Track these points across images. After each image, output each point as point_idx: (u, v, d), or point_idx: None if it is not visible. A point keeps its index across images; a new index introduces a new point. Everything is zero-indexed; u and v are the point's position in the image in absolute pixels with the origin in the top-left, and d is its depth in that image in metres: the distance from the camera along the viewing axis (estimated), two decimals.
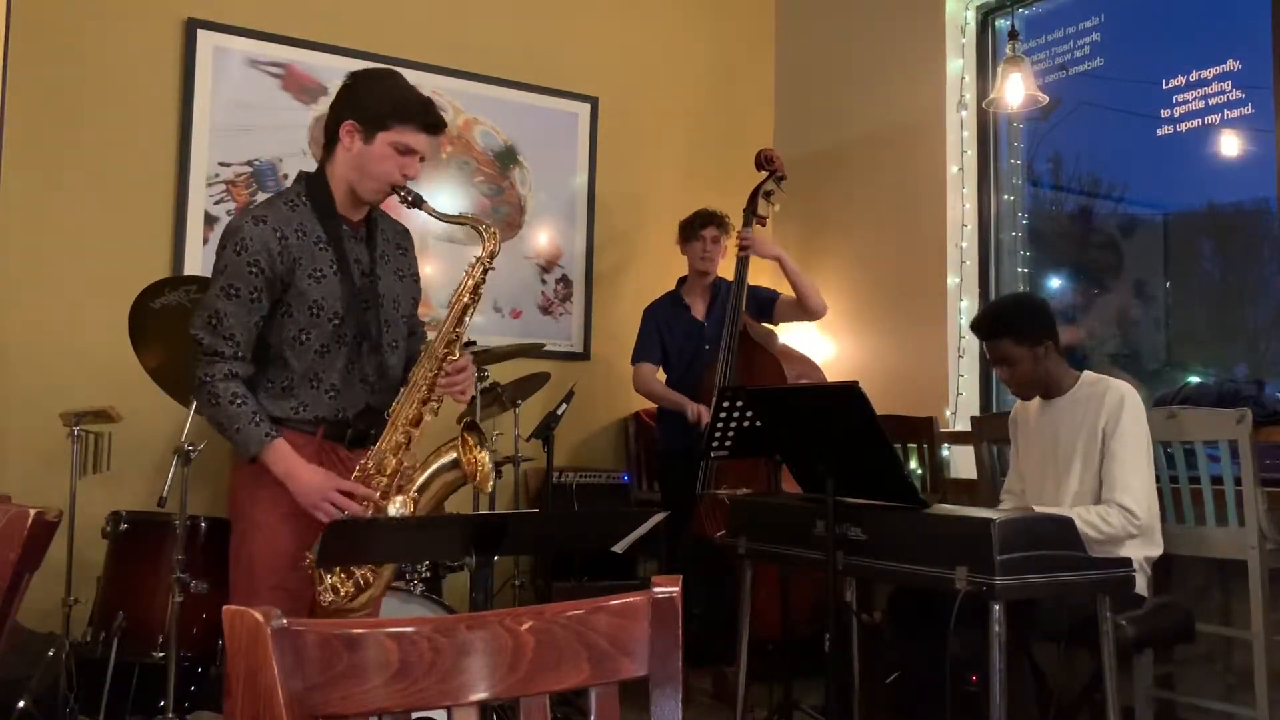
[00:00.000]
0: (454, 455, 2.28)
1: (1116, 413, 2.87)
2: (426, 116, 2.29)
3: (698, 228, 4.22)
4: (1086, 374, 3.03)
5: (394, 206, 2.41)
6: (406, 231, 2.53)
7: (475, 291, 2.33)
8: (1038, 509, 2.82)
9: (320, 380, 2.29)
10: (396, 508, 2.25)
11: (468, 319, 2.32)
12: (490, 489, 2.44)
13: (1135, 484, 2.82)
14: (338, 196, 2.32)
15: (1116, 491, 2.81)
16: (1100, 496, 2.87)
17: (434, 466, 2.29)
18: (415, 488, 2.28)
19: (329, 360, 2.29)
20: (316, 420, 2.30)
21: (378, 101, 2.27)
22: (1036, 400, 3.11)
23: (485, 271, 2.34)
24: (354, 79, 2.33)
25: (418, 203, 2.31)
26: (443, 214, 2.39)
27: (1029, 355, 2.96)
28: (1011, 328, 2.98)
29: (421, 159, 2.32)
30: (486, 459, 2.29)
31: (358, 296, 2.30)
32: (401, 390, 2.31)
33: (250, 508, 2.27)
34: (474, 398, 3.59)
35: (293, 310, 2.24)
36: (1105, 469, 2.86)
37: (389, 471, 2.27)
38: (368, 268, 2.35)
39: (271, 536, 2.24)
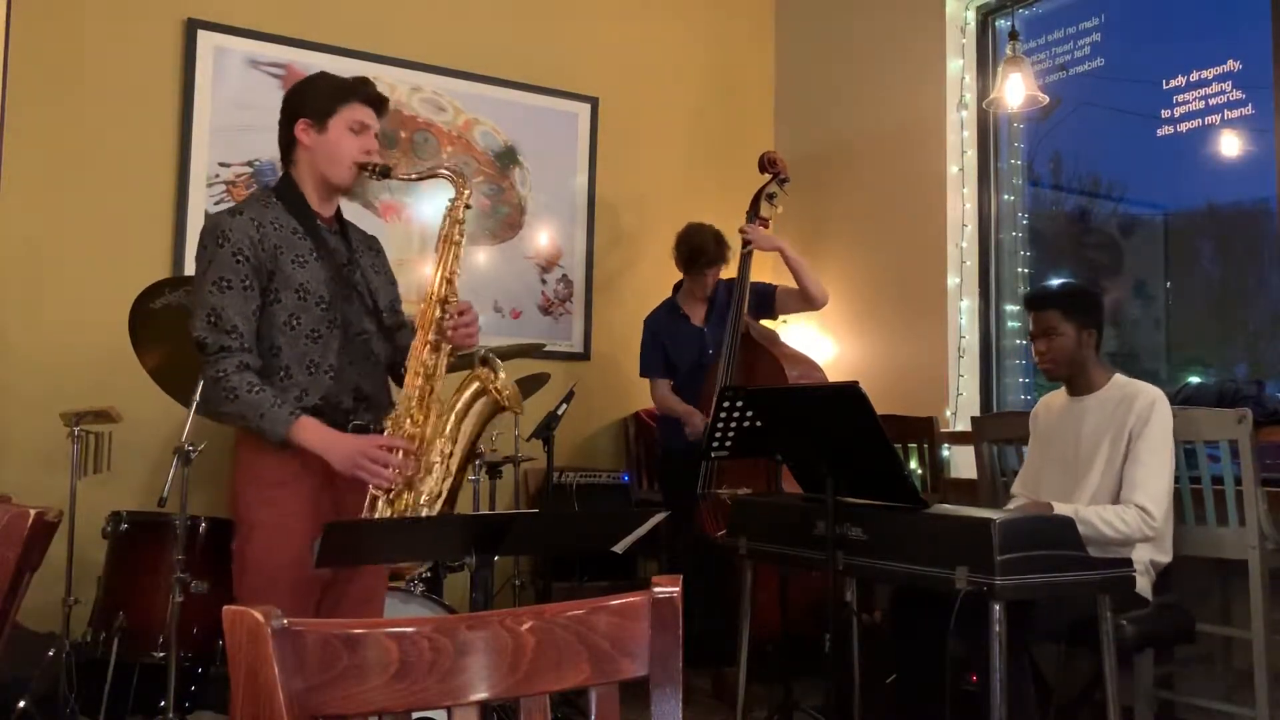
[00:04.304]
0: (477, 385, 2.32)
1: (1146, 416, 2.87)
2: (366, 90, 2.42)
3: (703, 266, 4.13)
4: (1118, 376, 3.04)
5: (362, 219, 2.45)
6: (376, 239, 2.61)
7: (461, 230, 2.40)
8: (1056, 506, 2.82)
9: (318, 365, 2.32)
10: (439, 452, 2.29)
11: (462, 256, 2.38)
12: (522, 410, 2.51)
13: (1155, 488, 2.82)
14: (307, 194, 2.39)
15: (1136, 493, 2.81)
16: (1119, 497, 2.87)
17: (459, 404, 2.33)
18: (447, 430, 2.30)
19: (324, 344, 2.32)
20: (321, 403, 2.31)
21: (318, 93, 2.40)
22: (1063, 397, 3.11)
23: (465, 209, 2.41)
24: (290, 91, 2.46)
25: (385, 173, 2.41)
26: (409, 175, 2.51)
27: (1073, 333, 2.99)
28: (1064, 301, 3.04)
29: (376, 135, 2.44)
30: (510, 382, 2.36)
31: (340, 283, 2.35)
32: (412, 342, 2.36)
33: (251, 509, 2.28)
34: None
35: (281, 296, 2.28)
36: (1127, 471, 2.86)
37: (420, 421, 2.28)
38: (345, 257, 2.41)
39: (274, 537, 2.24)
